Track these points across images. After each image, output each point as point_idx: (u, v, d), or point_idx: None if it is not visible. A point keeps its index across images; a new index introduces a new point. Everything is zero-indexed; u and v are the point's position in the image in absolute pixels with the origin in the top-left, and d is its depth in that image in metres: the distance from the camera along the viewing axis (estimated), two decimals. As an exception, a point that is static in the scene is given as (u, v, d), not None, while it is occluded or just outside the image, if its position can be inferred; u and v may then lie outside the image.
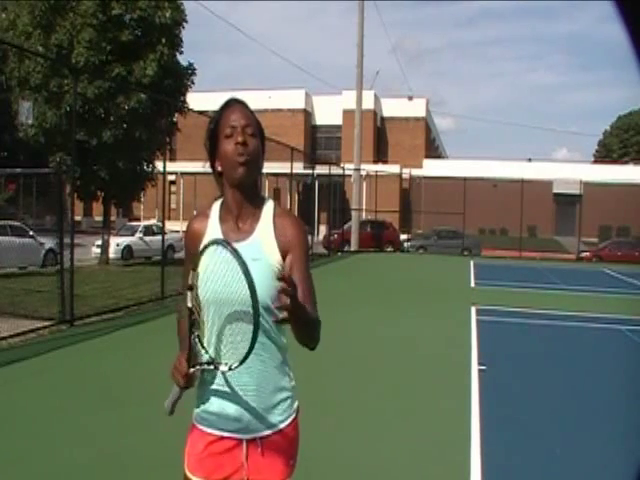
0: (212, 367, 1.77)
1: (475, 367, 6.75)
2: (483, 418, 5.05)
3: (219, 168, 1.85)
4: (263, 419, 1.82)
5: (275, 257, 1.80)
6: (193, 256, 1.83)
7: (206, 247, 1.77)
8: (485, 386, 6.01)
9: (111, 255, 17.67)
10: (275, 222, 1.84)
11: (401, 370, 6.78)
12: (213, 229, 1.87)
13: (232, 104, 1.88)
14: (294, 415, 1.90)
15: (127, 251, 18.59)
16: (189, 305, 1.76)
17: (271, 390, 1.83)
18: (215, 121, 1.86)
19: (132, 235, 19.22)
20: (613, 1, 1.06)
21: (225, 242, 1.72)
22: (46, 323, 8.29)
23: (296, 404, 1.92)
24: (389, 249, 27.99)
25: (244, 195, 1.84)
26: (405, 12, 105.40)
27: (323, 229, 29.53)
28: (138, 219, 32.35)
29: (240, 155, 1.79)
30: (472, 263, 21.70)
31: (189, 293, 1.75)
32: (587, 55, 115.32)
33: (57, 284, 8.81)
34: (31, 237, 15.35)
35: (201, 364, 1.79)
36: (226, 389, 1.80)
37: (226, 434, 1.83)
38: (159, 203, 18.61)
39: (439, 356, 7.48)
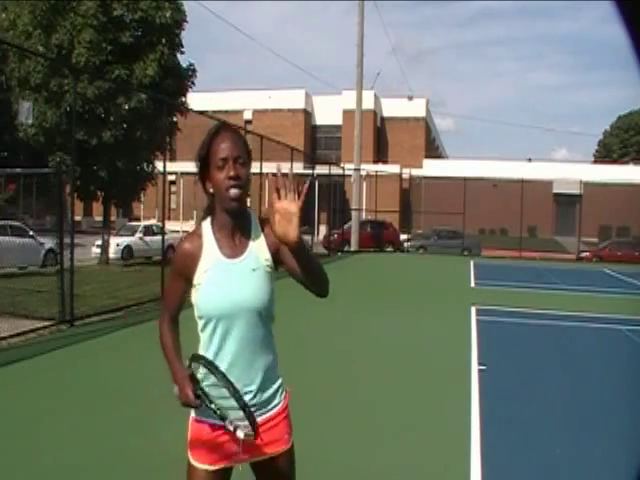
0: (224, 424, 1.94)
1: (475, 367, 6.75)
2: (483, 418, 5.05)
3: (210, 190, 1.99)
4: (260, 409, 2.01)
5: (269, 262, 2.01)
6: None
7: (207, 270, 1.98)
8: (485, 386, 6.01)
9: (111, 255, 17.65)
10: (265, 230, 2.01)
11: (401, 370, 6.78)
12: (210, 248, 2.00)
13: (222, 132, 1.99)
14: (285, 400, 2.09)
15: (127, 251, 18.58)
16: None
17: (269, 384, 2.03)
18: (206, 147, 1.98)
19: (132, 235, 19.20)
20: (613, 1, 1.06)
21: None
22: (46, 323, 8.28)
23: (285, 391, 2.11)
24: (389, 249, 27.99)
25: (236, 217, 2.00)
26: (405, 12, 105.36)
27: (323, 229, 29.52)
28: (138, 219, 32.33)
29: (233, 188, 1.93)
30: (472, 263, 21.70)
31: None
32: (587, 55, 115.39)
33: (57, 284, 8.81)
34: (31, 237, 15.33)
35: (215, 413, 1.93)
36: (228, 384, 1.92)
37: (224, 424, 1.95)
38: (159, 203, 18.59)
39: (439, 356, 7.48)
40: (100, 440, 4.41)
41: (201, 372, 1.96)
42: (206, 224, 2.04)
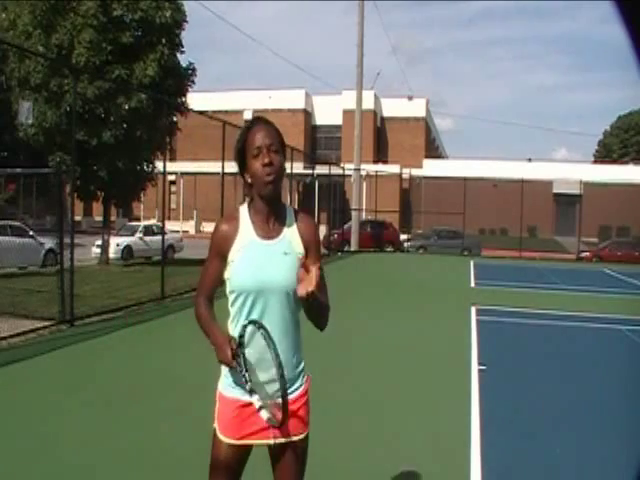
0: (250, 397, 2.02)
1: (475, 367, 6.75)
2: (483, 418, 5.05)
3: (249, 180, 2.16)
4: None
5: (301, 251, 2.16)
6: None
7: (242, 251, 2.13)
8: (485, 386, 6.01)
9: (111, 255, 17.65)
10: (298, 224, 2.20)
11: (401, 370, 6.78)
12: (246, 229, 2.16)
13: (256, 124, 2.17)
14: (306, 383, 2.24)
15: (127, 251, 18.58)
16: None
17: (293, 364, 2.17)
18: (242, 140, 2.15)
19: (132, 235, 19.20)
20: (613, 1, 1.06)
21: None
22: (46, 323, 8.28)
23: (306, 374, 2.25)
24: (389, 249, 27.99)
25: (272, 203, 2.17)
26: (405, 12, 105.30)
27: (323, 229, 29.52)
28: (138, 219, 32.33)
29: (268, 175, 2.10)
30: (472, 263, 21.70)
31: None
32: (587, 55, 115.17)
33: (57, 284, 8.80)
34: (31, 237, 15.33)
35: (248, 388, 2.02)
36: (255, 363, 2.05)
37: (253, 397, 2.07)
38: (159, 203, 18.60)
39: (439, 356, 7.48)
40: (100, 440, 4.41)
41: (247, 335, 2.05)
42: (243, 208, 2.21)
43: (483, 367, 6.73)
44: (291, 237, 2.17)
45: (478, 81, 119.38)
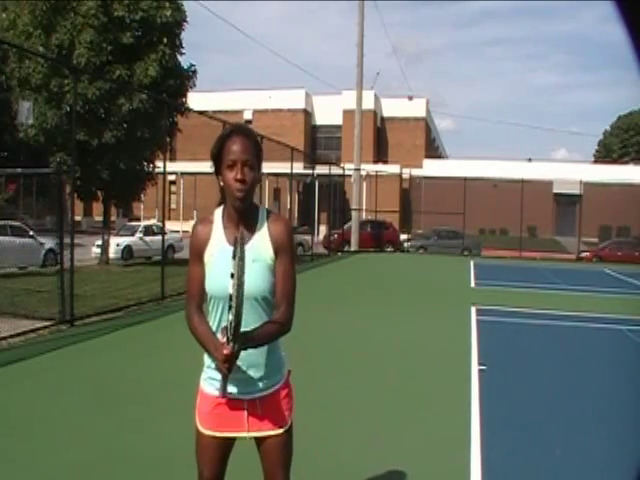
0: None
1: (475, 367, 6.75)
2: (483, 418, 5.05)
3: (221, 183, 2.18)
4: (261, 384, 2.20)
5: (270, 256, 2.19)
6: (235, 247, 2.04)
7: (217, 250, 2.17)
8: (485, 386, 6.01)
9: (111, 255, 17.65)
10: (269, 227, 2.21)
11: (401, 370, 6.78)
12: (217, 235, 2.21)
13: (235, 134, 2.15)
14: (286, 377, 2.30)
15: (127, 251, 18.57)
16: (230, 292, 1.99)
17: (269, 360, 2.21)
18: (219, 147, 2.16)
19: (132, 235, 19.19)
20: (613, 1, 1.06)
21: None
22: (46, 323, 8.28)
23: (286, 369, 2.31)
24: (389, 249, 27.98)
25: (242, 211, 2.19)
26: (405, 12, 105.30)
27: (323, 229, 29.52)
28: (138, 219, 32.31)
29: (238, 191, 2.12)
30: (472, 263, 21.70)
31: (230, 280, 1.98)
32: (587, 55, 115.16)
33: (57, 284, 8.80)
34: (31, 237, 15.33)
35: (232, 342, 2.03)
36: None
37: (230, 397, 2.14)
38: (159, 203, 18.60)
39: (439, 356, 7.47)
40: (100, 440, 4.41)
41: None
42: (218, 211, 2.25)
43: (483, 367, 6.73)
44: (260, 243, 2.18)
45: (478, 81, 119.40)
